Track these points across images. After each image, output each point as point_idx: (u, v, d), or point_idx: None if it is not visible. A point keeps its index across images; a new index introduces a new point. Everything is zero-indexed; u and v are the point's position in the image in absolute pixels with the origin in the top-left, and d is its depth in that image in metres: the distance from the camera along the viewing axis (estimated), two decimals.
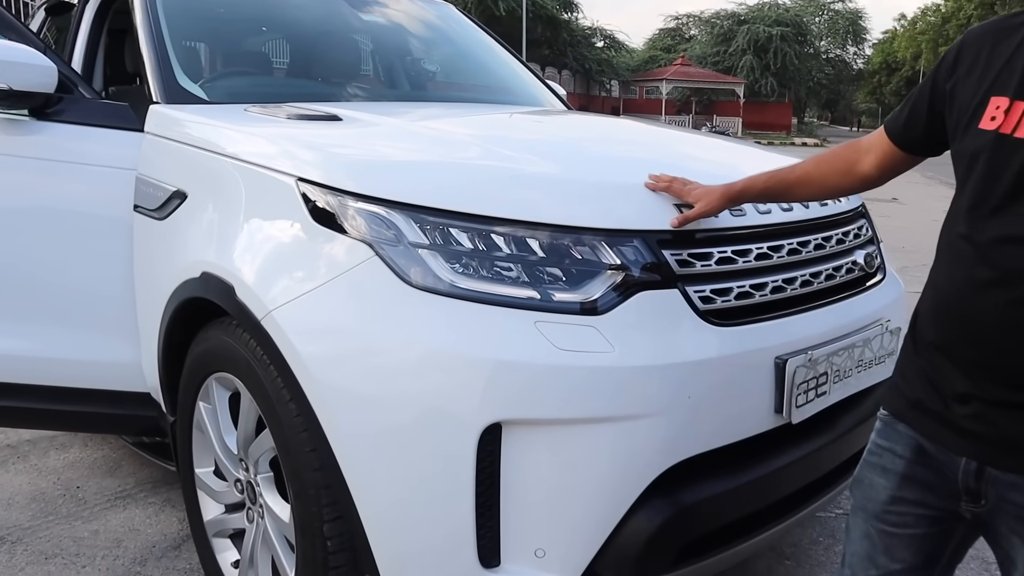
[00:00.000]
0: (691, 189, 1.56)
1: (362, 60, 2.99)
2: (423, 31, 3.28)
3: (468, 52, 3.40)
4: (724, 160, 2.13)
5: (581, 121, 2.57)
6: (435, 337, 1.39)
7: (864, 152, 1.38)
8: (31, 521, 2.49)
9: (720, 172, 1.66)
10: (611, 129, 2.50)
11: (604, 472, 1.40)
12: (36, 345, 2.25)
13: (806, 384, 1.61)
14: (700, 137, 2.73)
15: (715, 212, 1.55)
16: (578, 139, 2.21)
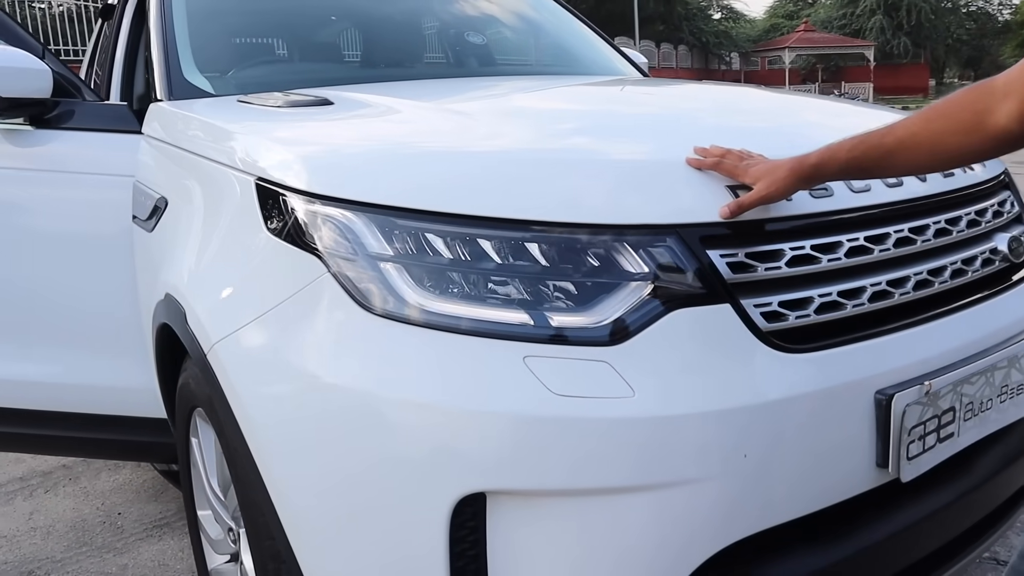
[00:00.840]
0: (748, 166, 1.15)
1: (396, 37, 2.67)
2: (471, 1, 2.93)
3: (527, 21, 3.03)
4: (811, 122, 1.66)
5: (641, 90, 2.15)
6: (388, 380, 1.05)
7: (1000, 98, 0.94)
8: (64, 553, 2.35)
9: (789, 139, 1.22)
10: (674, 95, 2.06)
11: (629, 556, 1.02)
12: (52, 370, 2.09)
13: (922, 427, 1.17)
14: (796, 98, 2.25)
15: (781, 195, 1.13)
16: (621, 111, 1.79)
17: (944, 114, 1.01)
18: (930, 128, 1.02)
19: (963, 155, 1.03)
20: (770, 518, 1.09)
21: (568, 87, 2.11)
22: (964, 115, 0.98)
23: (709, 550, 1.05)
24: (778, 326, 1.10)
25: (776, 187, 1.11)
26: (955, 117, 0.99)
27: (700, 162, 1.18)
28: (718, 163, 1.17)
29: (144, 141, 1.92)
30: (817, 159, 1.12)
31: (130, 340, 1.98)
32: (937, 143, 1.01)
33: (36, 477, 2.85)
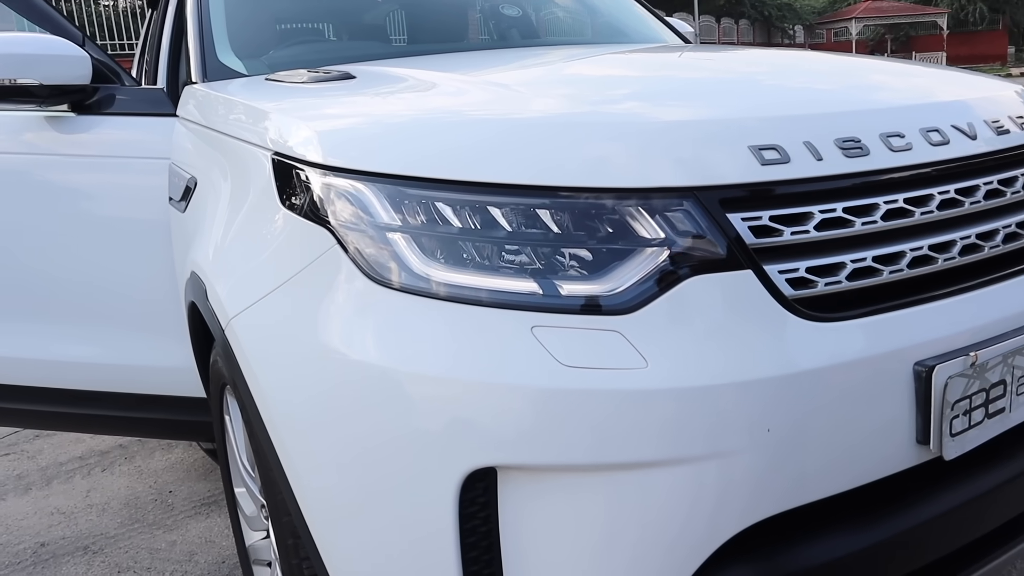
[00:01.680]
0: None
1: (432, 12, 2.63)
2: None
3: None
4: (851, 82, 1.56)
5: (674, 56, 2.07)
6: (393, 351, 1.02)
7: None
8: (117, 529, 2.41)
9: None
10: (706, 59, 1.97)
11: (646, 535, 0.98)
12: (101, 351, 2.13)
13: (968, 401, 1.09)
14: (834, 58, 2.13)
15: None
16: (647, 76, 1.72)
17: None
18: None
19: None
20: (800, 496, 1.03)
21: (598, 55, 2.04)
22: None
23: (733, 529, 1.00)
24: (805, 293, 1.04)
25: None
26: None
27: None
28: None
29: (179, 123, 1.93)
30: None
31: (172, 321, 2.00)
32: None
33: (94, 456, 2.94)
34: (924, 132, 1.22)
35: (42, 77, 1.93)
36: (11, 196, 2.10)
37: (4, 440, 3.14)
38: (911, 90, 1.47)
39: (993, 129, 1.30)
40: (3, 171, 2.11)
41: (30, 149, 2.10)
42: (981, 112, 1.33)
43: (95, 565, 2.23)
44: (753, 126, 1.11)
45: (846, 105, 1.23)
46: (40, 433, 3.15)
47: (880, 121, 1.20)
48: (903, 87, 1.51)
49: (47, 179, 2.10)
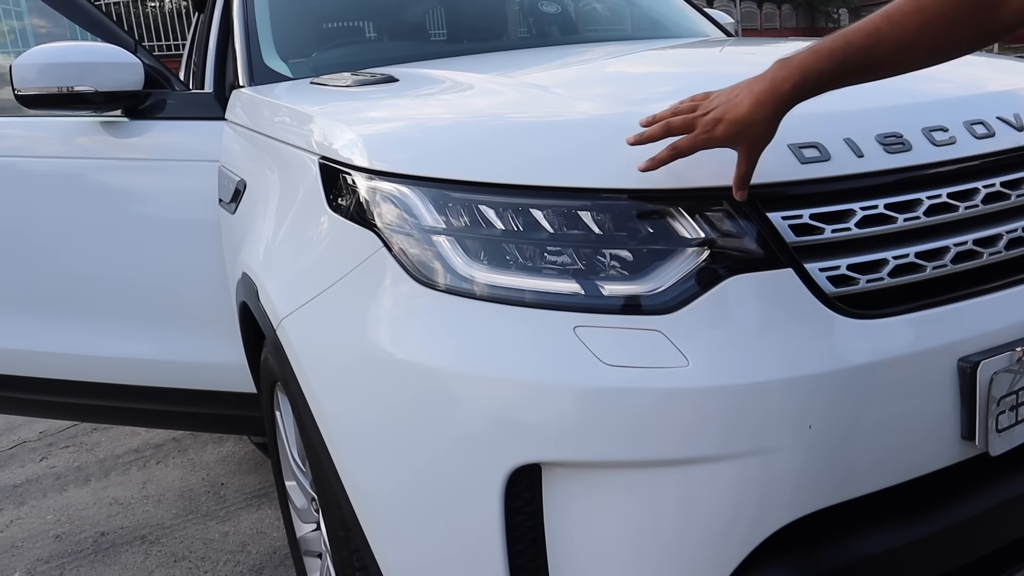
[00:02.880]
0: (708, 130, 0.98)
1: (474, 12, 2.66)
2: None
3: None
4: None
5: (715, 51, 2.06)
6: (438, 351, 1.05)
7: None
8: (173, 520, 2.50)
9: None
10: (746, 54, 1.96)
11: (688, 530, 1.00)
12: (155, 348, 2.20)
13: (1014, 396, 1.08)
14: None
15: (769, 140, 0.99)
16: (685, 74, 1.73)
17: (942, 18, 0.90)
18: (925, 32, 0.92)
19: (969, 49, 0.95)
20: (842, 492, 1.04)
21: (637, 53, 2.05)
22: (965, 16, 0.90)
23: (774, 525, 1.01)
24: (847, 290, 1.04)
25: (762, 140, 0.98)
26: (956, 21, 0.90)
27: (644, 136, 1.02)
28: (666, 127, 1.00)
29: (227, 127, 1.99)
30: (799, 76, 0.95)
31: (223, 319, 2.06)
32: (936, 47, 0.93)
33: (149, 449, 3.03)
34: (968, 125, 1.21)
35: (97, 84, 2.00)
36: (68, 199, 2.18)
37: (64, 433, 3.26)
38: (955, 81, 1.45)
39: None
40: (60, 175, 2.19)
41: (86, 153, 2.17)
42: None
43: (152, 554, 2.31)
44: (792, 124, 1.11)
45: (887, 100, 1.23)
46: (98, 427, 3.26)
47: (922, 115, 1.19)
48: (947, 79, 1.49)
49: (103, 182, 2.17)
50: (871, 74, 0.98)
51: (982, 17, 0.91)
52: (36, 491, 2.80)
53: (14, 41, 3.37)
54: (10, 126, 2.29)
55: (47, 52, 2.00)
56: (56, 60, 1.98)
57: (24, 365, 2.30)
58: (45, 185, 2.20)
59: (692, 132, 0.99)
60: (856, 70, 0.96)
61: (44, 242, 2.20)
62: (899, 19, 0.93)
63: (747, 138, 0.97)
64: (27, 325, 2.27)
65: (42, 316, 2.25)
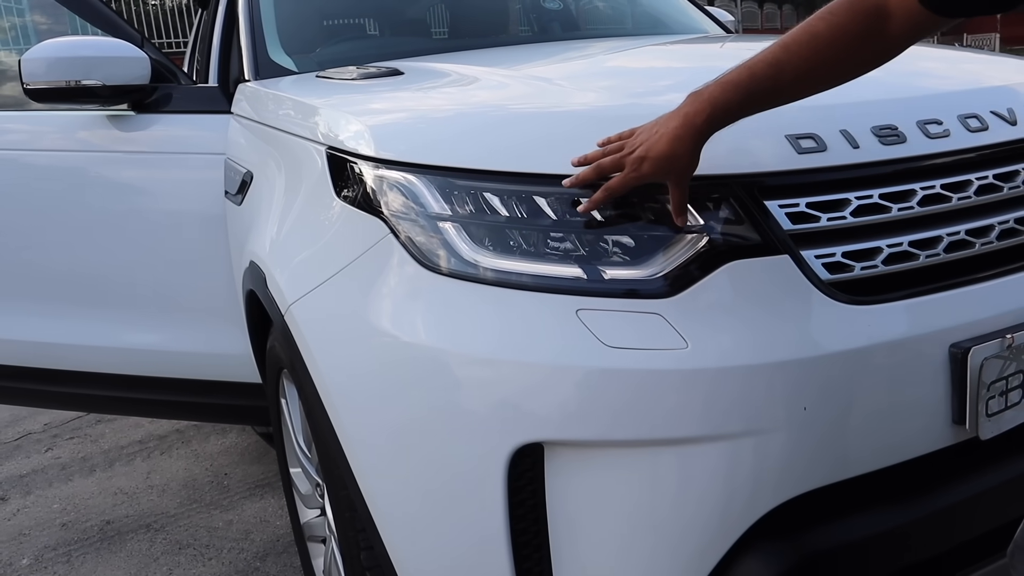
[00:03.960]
0: (635, 168, 1.03)
1: (477, 8, 2.68)
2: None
3: None
4: None
5: (714, 46, 2.09)
6: (445, 334, 1.08)
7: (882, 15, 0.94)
8: (177, 509, 2.53)
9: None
10: (753, 50, 1.99)
11: (685, 508, 1.03)
12: (160, 339, 2.23)
13: (1004, 382, 1.11)
14: None
15: (693, 169, 1.03)
16: (687, 67, 1.76)
17: (833, 44, 0.96)
18: (822, 58, 0.97)
19: (860, 70, 1.01)
20: (835, 473, 1.06)
21: (638, 48, 2.08)
22: (858, 30, 0.95)
23: (769, 503, 1.04)
24: (842, 277, 1.07)
25: (686, 172, 1.03)
26: (848, 34, 0.95)
27: (578, 179, 1.06)
28: (599, 167, 1.05)
29: (233, 120, 2.01)
30: (708, 115, 1.00)
31: (228, 310, 2.09)
32: (834, 71, 0.99)
33: (153, 440, 3.06)
34: (962, 119, 1.24)
35: (105, 78, 2.02)
36: (74, 192, 2.21)
37: (69, 424, 3.29)
38: (950, 76, 1.48)
39: None
40: (68, 168, 2.21)
41: (93, 147, 2.20)
42: (1022, 97, 1.34)
43: (157, 542, 2.34)
44: (790, 116, 1.14)
45: (883, 93, 1.26)
46: (102, 418, 3.29)
47: (917, 108, 1.22)
48: (943, 74, 1.53)
49: (110, 175, 2.20)
50: (778, 99, 1.03)
51: (870, 41, 0.96)
52: (42, 481, 2.83)
53: (15, 38, 3.40)
54: (20, 120, 2.32)
55: (55, 47, 2.03)
56: (64, 54, 2.01)
57: (32, 356, 2.32)
58: (51, 178, 2.23)
59: (622, 171, 1.04)
60: (763, 98, 1.02)
61: (52, 235, 2.23)
62: (795, 48, 0.98)
63: (672, 171, 1.02)
64: (35, 317, 2.29)
65: (50, 308, 2.28)
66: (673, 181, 1.03)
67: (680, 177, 1.03)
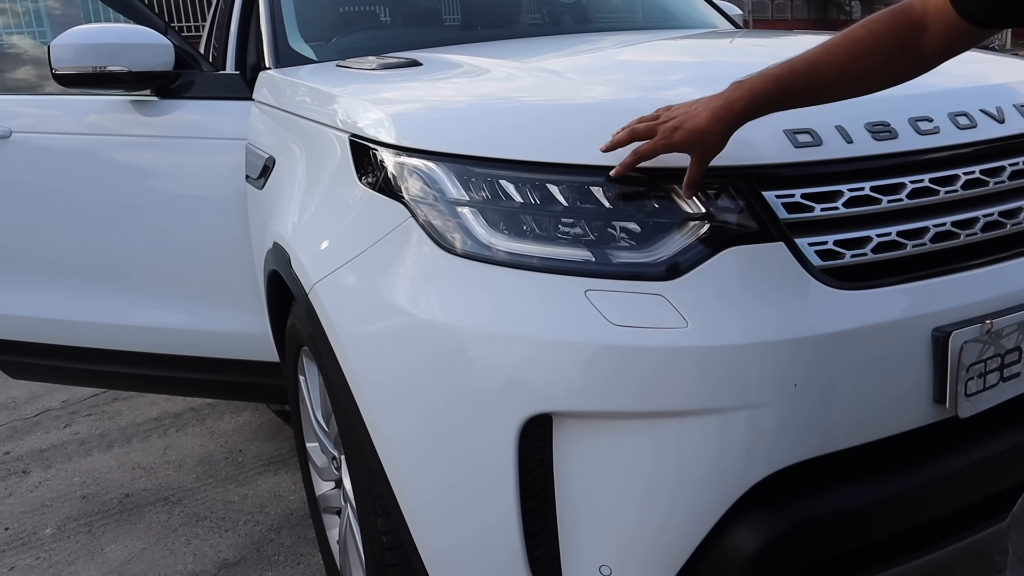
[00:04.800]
0: (667, 136, 1.10)
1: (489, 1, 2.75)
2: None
3: None
4: None
5: (718, 42, 2.16)
6: (464, 312, 1.16)
7: (920, 26, 0.98)
8: (193, 483, 2.62)
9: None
10: (756, 46, 2.06)
11: (682, 476, 1.11)
12: (181, 318, 2.30)
13: (982, 365, 1.19)
14: None
15: (719, 150, 1.11)
16: (694, 62, 1.83)
17: (874, 45, 1.01)
18: (858, 64, 1.03)
19: (901, 79, 1.06)
20: (823, 446, 1.14)
21: (647, 42, 2.14)
22: (896, 44, 1.00)
23: (760, 473, 1.12)
24: (833, 264, 1.15)
25: (712, 150, 1.10)
26: (887, 45, 1.01)
27: (615, 143, 1.14)
28: (634, 156, 1.12)
29: (254, 106, 2.09)
30: (748, 98, 1.07)
31: (246, 290, 2.17)
32: (868, 78, 1.04)
33: (169, 418, 3.15)
34: (952, 116, 1.31)
35: (130, 64, 2.09)
36: (99, 174, 2.28)
37: (86, 402, 3.38)
38: (943, 74, 1.54)
39: (1022, 113, 1.38)
40: (91, 152, 2.29)
41: (118, 131, 2.27)
42: (1011, 96, 1.41)
43: (175, 514, 2.43)
44: (789, 111, 1.21)
45: None
46: (118, 396, 3.38)
47: (909, 106, 1.29)
48: (936, 72, 1.59)
49: (134, 159, 2.27)
50: (813, 98, 1.10)
51: (907, 51, 1.02)
52: (62, 455, 2.92)
53: (28, 22, 3.47)
54: (44, 105, 2.40)
55: (83, 33, 2.10)
56: (91, 41, 2.08)
57: (51, 334, 2.41)
58: (74, 161, 2.30)
59: (654, 138, 1.11)
60: (799, 94, 1.08)
61: (76, 215, 2.30)
62: (835, 51, 1.05)
63: (699, 146, 1.09)
64: (55, 295, 2.37)
65: (70, 286, 2.36)
66: (697, 155, 1.10)
67: (705, 153, 1.10)
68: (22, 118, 2.34)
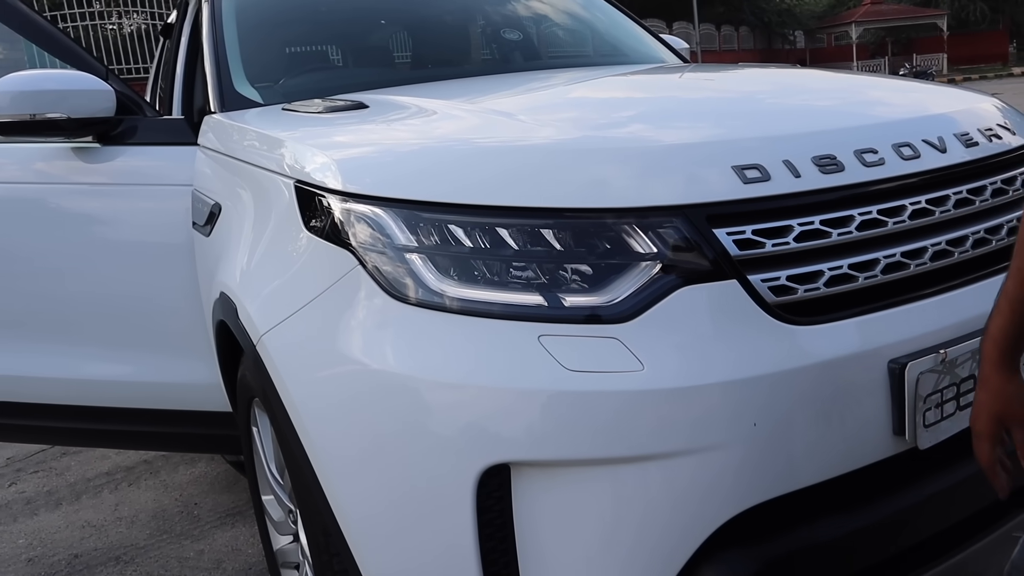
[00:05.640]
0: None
1: (438, 38, 2.75)
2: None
3: (569, 15, 3.08)
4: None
5: (664, 77, 2.18)
6: (413, 362, 1.13)
7: None
8: (147, 540, 2.52)
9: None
10: (693, 80, 2.08)
11: (646, 521, 1.08)
12: (128, 370, 2.23)
13: (939, 395, 1.18)
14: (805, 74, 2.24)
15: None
16: (637, 98, 1.84)
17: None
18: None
19: None
20: (787, 484, 1.13)
21: (599, 79, 2.16)
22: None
23: (725, 515, 1.10)
24: (786, 299, 1.14)
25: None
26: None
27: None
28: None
29: (200, 151, 2.05)
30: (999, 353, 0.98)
31: (197, 340, 2.11)
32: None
33: (120, 472, 3.05)
34: (896, 147, 1.32)
35: (70, 111, 2.04)
36: (41, 224, 2.21)
37: (33, 458, 3.26)
38: (886, 107, 1.57)
39: (963, 142, 1.40)
40: (32, 200, 2.22)
41: (57, 179, 2.21)
42: (952, 126, 1.43)
43: (127, 574, 2.33)
44: (736, 147, 1.22)
45: (822, 124, 1.34)
46: (67, 450, 3.26)
47: (854, 138, 1.30)
48: (879, 104, 1.62)
49: (75, 207, 2.21)
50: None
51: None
52: (6, 516, 2.80)
53: None
54: None
55: (19, 80, 2.04)
56: (28, 88, 2.02)
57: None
58: (15, 210, 2.23)
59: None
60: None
61: (16, 267, 2.23)
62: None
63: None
64: (1, 350, 2.29)
65: (12, 340, 2.28)
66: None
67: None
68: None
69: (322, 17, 2.73)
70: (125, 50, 13.66)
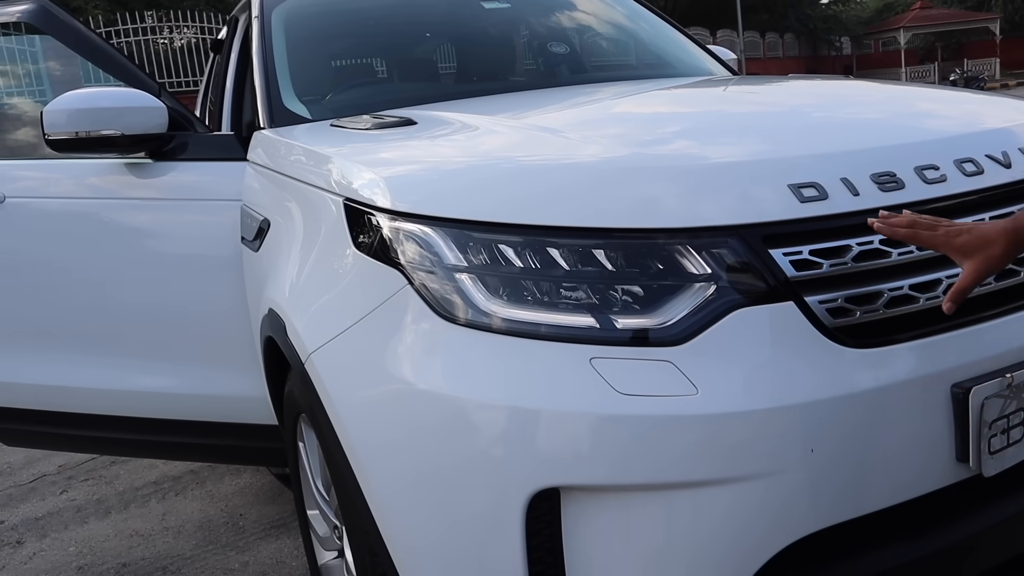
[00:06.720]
0: (951, 235, 1.08)
1: (486, 52, 2.76)
2: (555, 9, 2.98)
3: (616, 27, 3.07)
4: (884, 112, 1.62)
5: (716, 91, 2.15)
6: (462, 383, 1.12)
7: None
8: (193, 551, 2.55)
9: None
10: (746, 95, 2.04)
11: (699, 548, 1.05)
12: (177, 382, 2.26)
13: (1006, 420, 1.14)
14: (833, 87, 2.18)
15: (999, 268, 1.08)
16: (690, 114, 1.81)
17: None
18: None
19: None
20: (844, 512, 1.09)
21: (646, 93, 2.13)
22: None
23: (781, 542, 1.07)
24: (845, 322, 1.11)
25: (993, 263, 1.06)
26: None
27: (891, 231, 1.10)
28: (913, 234, 1.09)
29: (249, 167, 2.07)
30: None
31: (242, 352, 2.13)
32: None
33: (168, 481, 3.09)
34: (958, 163, 1.28)
35: (124, 128, 2.08)
36: (93, 238, 2.26)
37: (83, 467, 3.32)
38: (946, 120, 1.52)
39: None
40: (86, 215, 2.27)
41: (112, 194, 2.26)
42: (1015, 140, 1.39)
43: None
44: (792, 165, 1.19)
45: (881, 140, 1.30)
46: (116, 459, 3.32)
47: (914, 155, 1.27)
48: (940, 116, 1.57)
49: (127, 221, 2.25)
50: None
51: None
52: (57, 523, 2.85)
53: (29, 83, 3.49)
54: (39, 168, 2.38)
55: (76, 98, 2.09)
56: (84, 106, 2.07)
57: (48, 400, 2.36)
58: (69, 225, 2.29)
59: (935, 248, 1.09)
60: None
61: (70, 280, 2.28)
62: None
63: (982, 253, 1.06)
64: (51, 361, 2.34)
65: (66, 352, 2.32)
66: (976, 263, 1.06)
67: (984, 261, 1.06)
68: (16, 182, 2.33)
69: (369, 32, 2.75)
70: (176, 63, 14.00)
